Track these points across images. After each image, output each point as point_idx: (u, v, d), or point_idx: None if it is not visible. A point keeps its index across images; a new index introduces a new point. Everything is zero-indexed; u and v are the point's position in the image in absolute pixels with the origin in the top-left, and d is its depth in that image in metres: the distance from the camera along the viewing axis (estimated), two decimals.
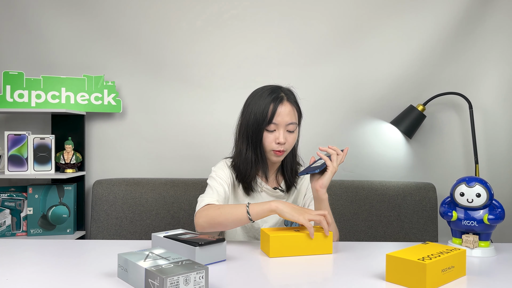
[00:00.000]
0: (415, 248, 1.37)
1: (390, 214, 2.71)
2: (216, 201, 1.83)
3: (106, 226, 2.67)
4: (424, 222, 2.72)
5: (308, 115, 2.94)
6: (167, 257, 1.25)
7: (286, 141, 1.87)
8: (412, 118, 2.81)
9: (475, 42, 2.93)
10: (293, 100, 1.90)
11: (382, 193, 2.74)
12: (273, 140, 1.86)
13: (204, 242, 1.43)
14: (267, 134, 1.86)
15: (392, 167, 2.98)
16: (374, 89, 2.96)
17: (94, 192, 2.71)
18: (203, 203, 1.82)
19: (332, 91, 2.96)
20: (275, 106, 1.84)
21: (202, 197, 1.86)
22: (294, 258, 1.56)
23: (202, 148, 2.93)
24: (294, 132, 1.90)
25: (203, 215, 1.76)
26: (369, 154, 2.98)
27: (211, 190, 1.89)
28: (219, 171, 1.97)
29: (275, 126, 1.85)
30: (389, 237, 2.70)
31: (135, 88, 2.95)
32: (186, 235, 1.55)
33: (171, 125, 2.96)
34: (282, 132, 1.86)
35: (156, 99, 2.95)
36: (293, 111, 1.88)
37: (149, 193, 2.71)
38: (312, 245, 1.61)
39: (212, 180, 1.94)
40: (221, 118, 2.92)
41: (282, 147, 1.87)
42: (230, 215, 1.71)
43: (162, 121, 2.96)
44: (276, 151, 1.88)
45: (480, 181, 1.67)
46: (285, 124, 1.85)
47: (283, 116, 1.84)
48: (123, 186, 2.72)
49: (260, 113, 1.84)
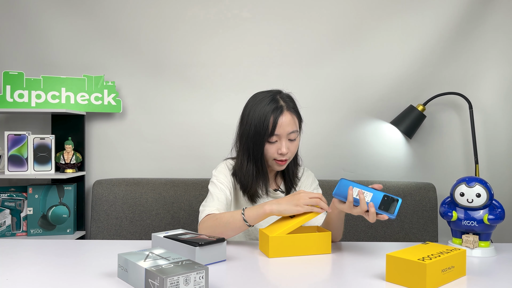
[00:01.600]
0: (415, 248, 1.37)
1: None
2: (216, 209, 1.81)
3: (106, 226, 2.67)
4: (424, 222, 2.71)
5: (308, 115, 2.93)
6: (167, 257, 1.25)
7: (289, 151, 1.85)
8: (412, 118, 2.81)
9: (475, 42, 2.93)
10: (292, 108, 1.86)
11: None
12: (275, 151, 1.84)
13: (204, 242, 1.43)
14: (269, 145, 1.84)
15: (392, 167, 2.98)
16: (374, 89, 2.96)
17: (94, 192, 2.71)
18: (204, 213, 1.81)
19: (332, 91, 2.96)
20: (275, 118, 1.80)
21: (204, 207, 1.84)
22: (293, 258, 1.56)
23: (202, 148, 2.93)
24: (295, 140, 1.88)
25: (203, 227, 1.75)
26: (369, 154, 2.97)
27: (212, 197, 1.87)
28: (219, 175, 1.96)
29: (277, 137, 1.83)
30: (389, 237, 2.69)
31: (135, 88, 2.95)
32: (186, 235, 1.55)
33: (171, 125, 2.96)
34: (284, 143, 1.83)
35: (156, 99, 2.95)
36: (293, 120, 1.85)
37: (149, 193, 2.70)
38: (311, 245, 1.61)
39: (213, 186, 1.93)
40: (222, 119, 2.92)
41: (284, 156, 1.85)
42: (228, 224, 1.69)
43: (162, 121, 2.95)
44: (278, 161, 1.87)
45: (480, 181, 1.67)
46: (286, 134, 1.83)
47: (284, 127, 1.82)
48: (123, 186, 2.72)
49: (260, 125, 1.81)
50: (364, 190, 1.60)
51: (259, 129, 1.81)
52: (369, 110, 2.96)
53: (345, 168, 2.96)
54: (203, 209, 1.83)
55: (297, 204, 1.64)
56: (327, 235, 1.64)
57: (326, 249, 1.63)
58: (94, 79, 2.85)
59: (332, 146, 2.96)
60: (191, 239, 1.48)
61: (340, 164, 2.97)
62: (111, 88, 2.86)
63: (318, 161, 2.91)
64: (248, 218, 1.67)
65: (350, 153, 2.96)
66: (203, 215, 1.80)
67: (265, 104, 1.82)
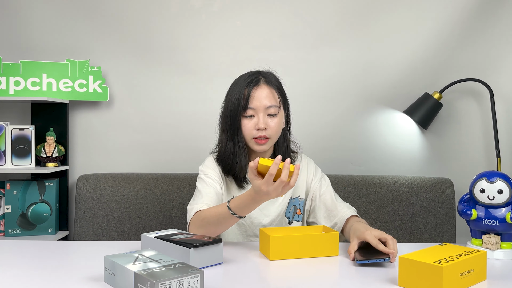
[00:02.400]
0: (431, 249, 1.37)
1: (404, 213, 2.72)
2: (205, 205, 1.82)
3: (92, 225, 2.67)
4: (440, 221, 2.72)
5: (313, 104, 2.94)
6: (158, 260, 1.25)
7: (268, 127, 1.88)
8: (428, 107, 2.81)
9: (497, 23, 2.92)
10: (272, 83, 1.93)
11: (395, 190, 2.74)
12: (252, 127, 1.88)
13: (199, 243, 1.43)
14: (246, 121, 1.89)
15: (406, 161, 2.97)
16: (386, 75, 2.95)
17: (79, 189, 2.71)
18: (191, 212, 1.81)
19: (339, 77, 2.95)
20: (249, 90, 1.88)
21: (191, 205, 1.86)
22: (297, 261, 1.56)
23: (197, 140, 2.93)
24: (276, 116, 1.90)
25: (193, 228, 1.76)
26: (380, 147, 2.97)
27: (199, 194, 1.89)
28: (207, 170, 1.98)
29: (253, 111, 1.88)
30: (402, 238, 2.70)
31: (124, 74, 2.94)
32: (179, 235, 1.55)
33: (163, 115, 2.95)
34: (262, 117, 1.87)
35: (147, 86, 2.94)
36: (272, 94, 1.91)
37: (138, 189, 2.71)
38: (317, 246, 1.61)
39: (200, 182, 1.95)
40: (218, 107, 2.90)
41: (263, 133, 1.88)
42: (217, 219, 1.69)
43: (153, 110, 2.95)
44: (257, 139, 1.89)
45: (502, 176, 1.67)
46: (263, 107, 1.88)
47: (260, 100, 1.88)
48: (110, 181, 2.72)
49: (236, 99, 1.89)
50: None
51: (235, 103, 1.89)
52: (380, 98, 2.96)
53: (353, 162, 2.96)
54: (190, 207, 1.84)
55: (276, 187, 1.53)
56: (334, 236, 1.64)
57: (333, 251, 1.63)
58: (78, 64, 2.84)
59: (339, 138, 2.96)
60: (184, 239, 1.48)
61: (348, 158, 2.96)
62: (97, 74, 2.85)
63: (324, 154, 2.90)
64: (236, 209, 1.65)
65: (360, 145, 2.96)
66: (191, 215, 1.80)
67: (243, 80, 1.92)
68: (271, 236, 1.57)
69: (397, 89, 2.95)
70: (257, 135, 1.88)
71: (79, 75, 2.84)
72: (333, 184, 2.68)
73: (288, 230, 1.74)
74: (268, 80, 1.93)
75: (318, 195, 2.03)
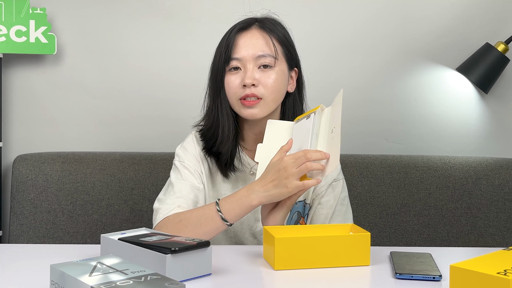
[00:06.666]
0: (493, 256, 1.37)
1: (456, 206, 2.72)
2: (177, 206, 1.83)
3: (33, 223, 2.68)
4: (506, 218, 2.72)
5: (339, 59, 2.94)
6: (123, 270, 1.25)
7: (259, 82, 1.85)
8: (489, 62, 2.80)
9: None
10: (268, 27, 1.92)
11: (444, 175, 2.74)
12: (239, 84, 1.87)
13: (179, 248, 1.43)
14: (230, 77, 1.89)
15: (459, 137, 2.98)
16: (432, 23, 2.96)
17: (15, 173, 2.70)
18: (159, 215, 1.82)
19: (373, 27, 2.96)
20: (236, 36, 1.89)
21: (160, 203, 1.87)
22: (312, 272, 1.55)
23: (176, 108, 2.93)
24: (273, 69, 1.88)
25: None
26: (424, 117, 2.98)
27: (172, 190, 1.90)
28: (185, 155, 1.98)
29: (238, 62, 1.88)
30: (454, 240, 2.71)
31: (77, 19, 2.94)
32: (152, 236, 1.55)
33: (130, 74, 2.95)
34: (251, 69, 1.85)
35: (108, 36, 2.94)
36: (265, 40, 1.89)
37: (97, 174, 2.71)
38: (340, 252, 1.59)
39: (175, 172, 1.96)
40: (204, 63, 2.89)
41: (251, 90, 1.84)
42: (199, 226, 1.71)
43: (116, 67, 2.95)
44: (243, 100, 1.86)
45: None
46: (252, 57, 1.87)
47: (247, 47, 1.87)
48: (59, 163, 2.72)
49: (220, 49, 1.91)
50: None
51: (218, 54, 1.91)
52: (425, 51, 2.96)
53: (388, 138, 2.96)
54: (158, 207, 1.84)
55: (286, 184, 1.62)
56: (365, 238, 1.61)
57: (363, 259, 1.61)
58: (15, 4, 2.82)
59: (371, 104, 2.97)
60: (159, 242, 1.48)
61: (382, 132, 2.96)
62: (41, 18, 2.84)
63: (350, 128, 2.89)
64: (227, 214, 1.65)
65: (397, 115, 2.97)
66: (159, 219, 1.80)
67: (233, 27, 1.94)
68: (277, 237, 1.55)
69: (447, 40, 2.95)
70: (243, 94, 1.85)
71: (16, 20, 2.82)
72: (362, 167, 2.67)
73: (301, 229, 1.72)
74: (263, 25, 1.91)
75: (317, 203, 2.01)
